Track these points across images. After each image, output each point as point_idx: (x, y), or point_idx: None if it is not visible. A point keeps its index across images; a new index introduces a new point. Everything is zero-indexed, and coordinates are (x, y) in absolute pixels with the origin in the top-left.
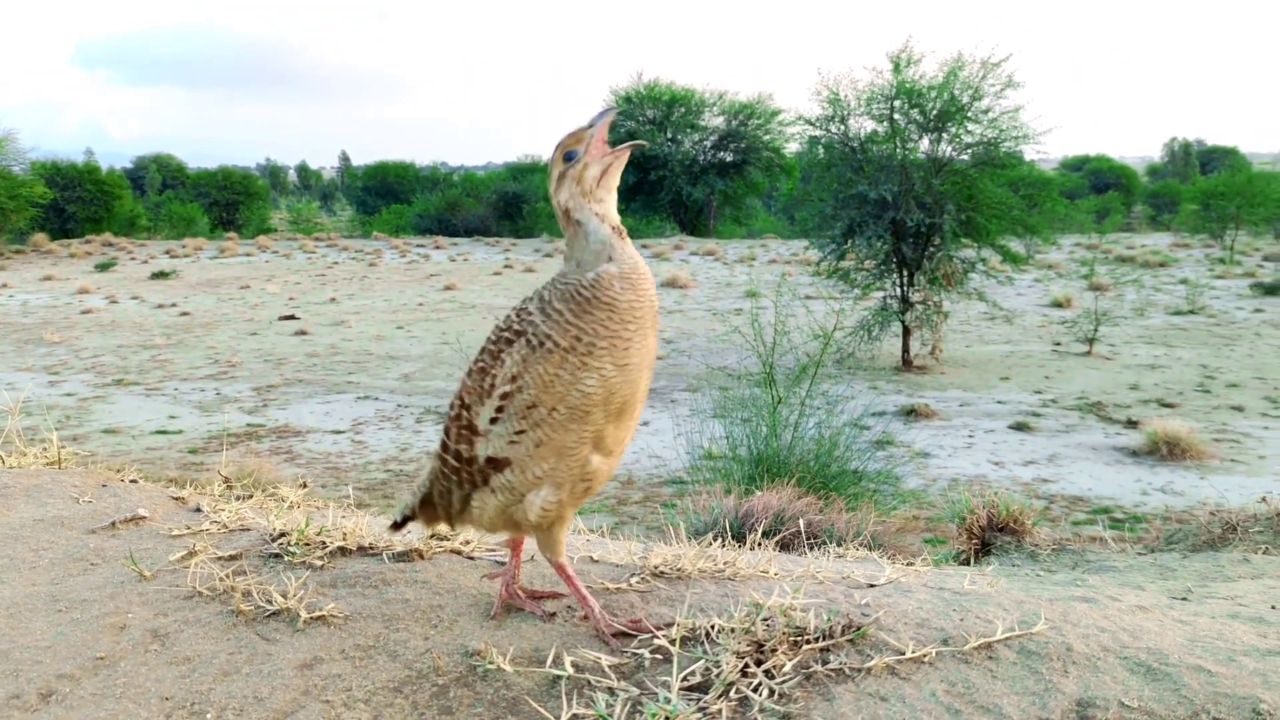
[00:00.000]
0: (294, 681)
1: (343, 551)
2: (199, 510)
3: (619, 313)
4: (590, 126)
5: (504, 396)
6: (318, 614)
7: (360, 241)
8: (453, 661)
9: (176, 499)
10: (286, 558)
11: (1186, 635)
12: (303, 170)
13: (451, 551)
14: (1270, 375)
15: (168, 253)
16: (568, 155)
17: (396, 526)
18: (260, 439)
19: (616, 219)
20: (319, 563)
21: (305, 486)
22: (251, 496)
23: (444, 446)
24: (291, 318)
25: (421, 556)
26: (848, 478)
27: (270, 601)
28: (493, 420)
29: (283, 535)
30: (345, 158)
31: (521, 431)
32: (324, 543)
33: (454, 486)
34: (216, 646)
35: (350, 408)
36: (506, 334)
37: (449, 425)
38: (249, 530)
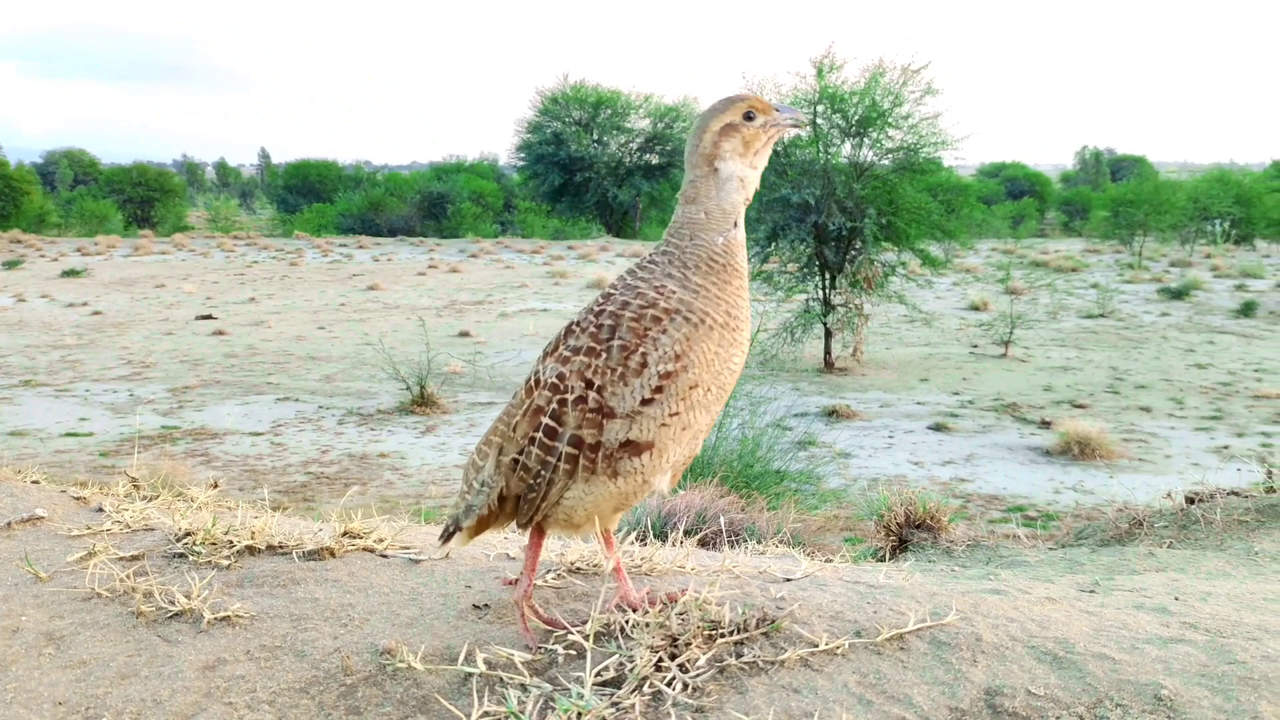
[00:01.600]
0: (195, 683)
1: (251, 551)
2: (101, 510)
3: (744, 279)
4: (778, 110)
5: (665, 376)
6: (222, 614)
7: (281, 241)
8: (362, 660)
9: (78, 499)
10: (191, 557)
11: (1092, 625)
12: (221, 167)
13: (364, 550)
14: (1176, 377)
15: (79, 250)
16: (748, 114)
17: (448, 536)
18: (175, 441)
19: (751, 194)
20: (225, 562)
21: (216, 486)
22: (158, 497)
23: (550, 433)
24: (209, 317)
25: (333, 555)
26: (770, 477)
27: (173, 602)
28: (645, 401)
29: (188, 535)
30: (265, 155)
31: (676, 414)
32: (231, 542)
33: (555, 477)
34: (114, 649)
35: (269, 409)
36: (652, 311)
37: (560, 411)
38: (153, 530)
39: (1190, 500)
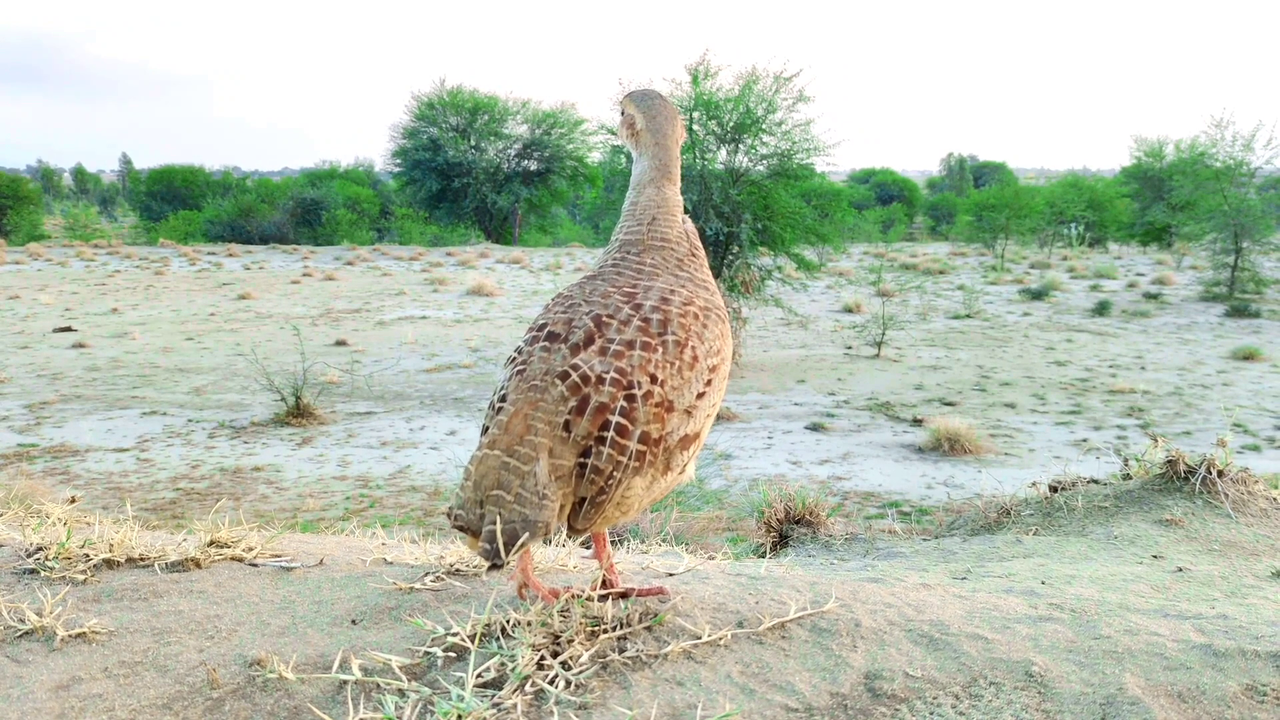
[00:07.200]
0: (48, 705)
1: (109, 564)
2: None
3: None
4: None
5: (712, 370)
6: (77, 631)
7: (145, 249)
8: (230, 673)
9: None
10: (44, 573)
11: (966, 608)
12: (79, 173)
13: (232, 559)
14: (1038, 374)
15: None
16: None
17: (498, 560)
18: (33, 460)
19: None
20: (81, 577)
21: (74, 501)
22: (6, 512)
23: (622, 431)
24: (68, 329)
25: (198, 565)
26: None
27: (22, 620)
28: (700, 395)
29: (40, 550)
30: (127, 160)
31: (715, 405)
32: (88, 555)
33: (624, 476)
34: None
35: (135, 424)
36: (693, 308)
37: (630, 408)
38: (1, 547)
39: (1054, 489)
